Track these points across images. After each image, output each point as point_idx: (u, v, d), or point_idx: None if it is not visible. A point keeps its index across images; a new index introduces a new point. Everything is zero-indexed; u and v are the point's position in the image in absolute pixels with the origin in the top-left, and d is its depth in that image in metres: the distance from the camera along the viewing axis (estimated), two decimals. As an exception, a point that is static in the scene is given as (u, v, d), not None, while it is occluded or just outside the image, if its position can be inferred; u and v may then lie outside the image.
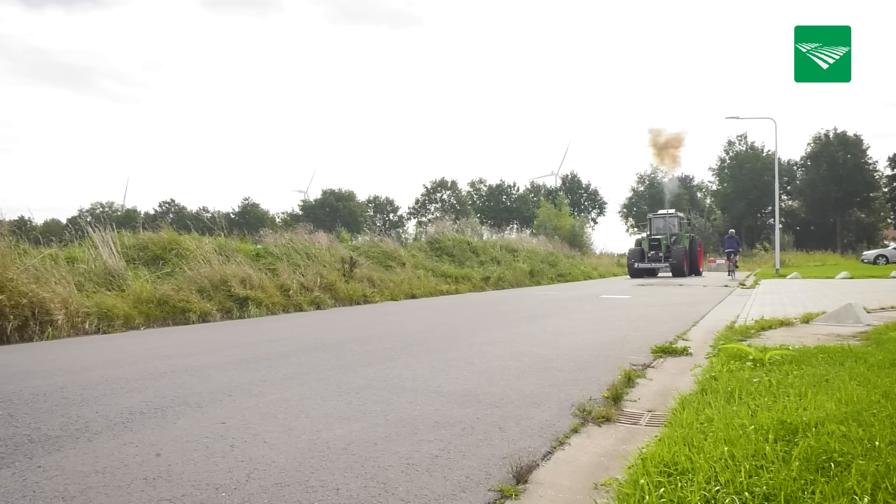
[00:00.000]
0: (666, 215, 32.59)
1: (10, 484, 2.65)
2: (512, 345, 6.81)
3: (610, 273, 34.77)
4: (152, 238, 13.16)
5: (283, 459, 2.93)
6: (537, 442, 3.21)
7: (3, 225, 9.85)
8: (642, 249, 30.20)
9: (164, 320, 10.00)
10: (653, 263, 29.11)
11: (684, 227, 32.54)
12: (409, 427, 3.47)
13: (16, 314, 7.98)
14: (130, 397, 4.28)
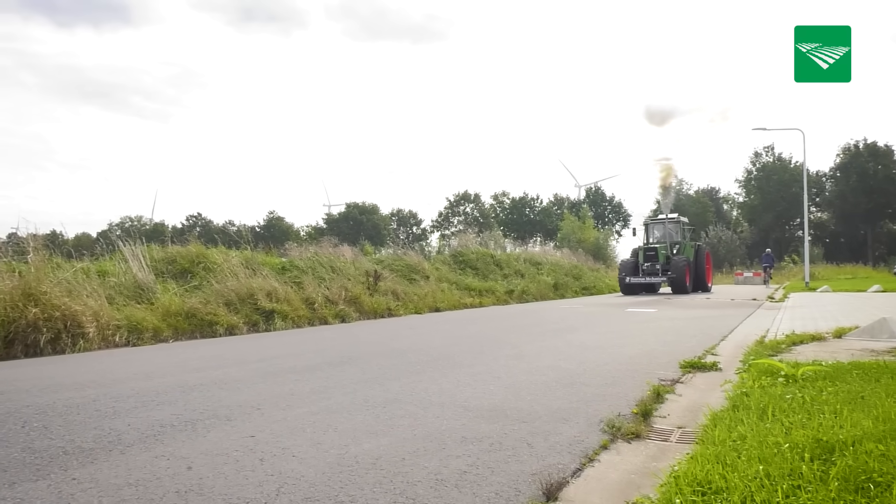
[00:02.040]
0: (666, 221, 27.53)
1: (46, 496, 2.70)
2: (538, 359, 6.77)
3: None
4: (180, 252, 13.34)
5: (312, 474, 2.94)
6: (566, 458, 3.18)
7: (37, 239, 10.06)
8: (636, 261, 25.43)
9: (192, 333, 10.12)
10: (648, 277, 24.65)
11: (688, 234, 28.04)
12: (437, 442, 3.46)
13: (49, 327, 8.13)
14: (161, 410, 4.33)
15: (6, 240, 11.93)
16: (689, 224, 28.56)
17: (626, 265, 25.53)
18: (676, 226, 27.40)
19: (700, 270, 26.20)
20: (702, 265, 26.63)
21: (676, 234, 27.24)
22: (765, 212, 71.38)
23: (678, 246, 26.49)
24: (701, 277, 26.20)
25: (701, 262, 26.59)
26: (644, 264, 25.15)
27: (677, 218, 27.84)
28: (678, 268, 24.17)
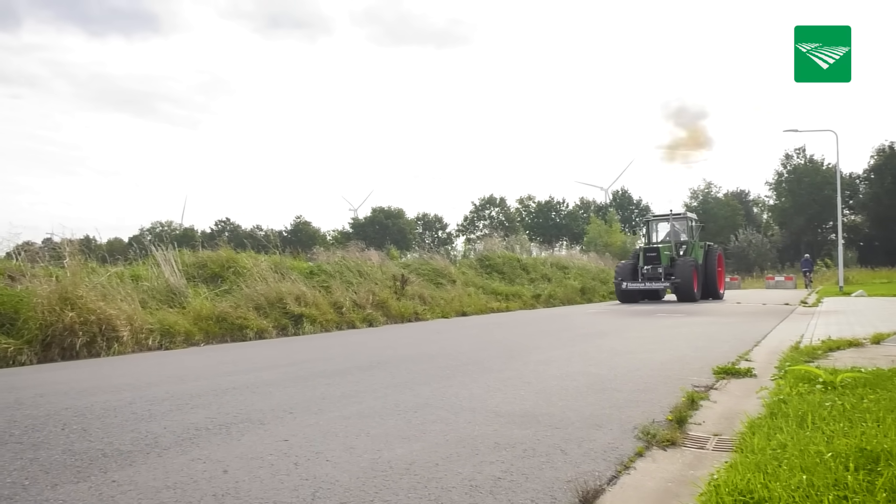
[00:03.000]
0: (672, 217, 24.09)
1: (87, 497, 2.74)
2: (568, 364, 6.72)
3: (663, 290, 34.05)
4: (211, 256, 13.52)
5: (346, 479, 2.95)
6: (601, 465, 3.15)
7: (73, 244, 10.28)
8: (635, 264, 22.24)
9: (223, 337, 10.25)
10: (649, 283, 21.23)
11: (698, 233, 24.36)
12: (470, 448, 3.45)
13: (85, 330, 8.30)
14: (195, 413, 4.39)
15: (42, 245, 12.23)
16: (698, 221, 25.02)
17: (623, 268, 22.35)
18: (683, 223, 24.06)
19: (710, 274, 22.90)
20: (712, 268, 23.11)
21: (683, 232, 23.93)
22: (796, 215, 70.04)
23: (685, 246, 23.30)
24: (711, 282, 22.82)
25: (711, 264, 23.09)
26: (644, 267, 21.78)
27: (684, 214, 24.52)
28: (684, 271, 20.80)
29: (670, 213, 24.46)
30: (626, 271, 22.00)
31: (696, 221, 24.65)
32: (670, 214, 24.33)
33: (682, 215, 24.33)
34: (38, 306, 8.11)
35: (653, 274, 21.52)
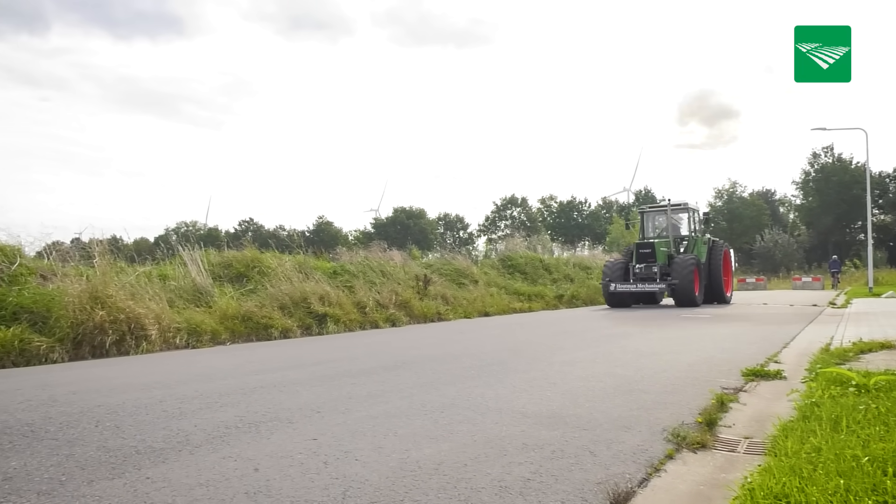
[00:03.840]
0: (669, 208, 20.91)
1: (122, 494, 2.79)
2: (593, 365, 6.68)
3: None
4: (236, 256, 13.68)
5: (376, 478, 2.96)
6: (631, 468, 3.12)
7: (102, 244, 10.45)
8: (626, 263, 19.55)
9: (248, 336, 10.35)
10: (642, 284, 18.48)
11: (701, 226, 21.31)
12: (498, 448, 3.44)
13: (114, 329, 8.44)
14: (224, 412, 4.44)
15: (71, 245, 12.45)
16: (702, 213, 21.80)
17: (612, 267, 19.44)
18: (683, 215, 21.13)
19: (715, 275, 19.99)
20: (717, 268, 20.07)
21: (683, 225, 21.08)
22: (823, 214, 68.85)
23: (686, 242, 20.69)
24: (716, 284, 19.94)
25: (716, 263, 20.11)
26: (637, 266, 19.04)
27: (685, 204, 20.91)
28: (683, 271, 18.03)
29: (667, 203, 21.08)
30: (616, 271, 19.23)
31: (699, 213, 21.51)
32: (667, 204, 21.06)
33: (683, 206, 20.95)
34: (69, 305, 8.26)
35: (646, 274, 18.82)
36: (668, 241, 20.30)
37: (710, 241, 20.92)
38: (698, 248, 20.18)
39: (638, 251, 19.37)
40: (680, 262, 18.51)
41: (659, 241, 19.78)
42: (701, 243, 20.39)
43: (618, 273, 19.15)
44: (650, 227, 21.62)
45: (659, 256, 19.09)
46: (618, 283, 18.75)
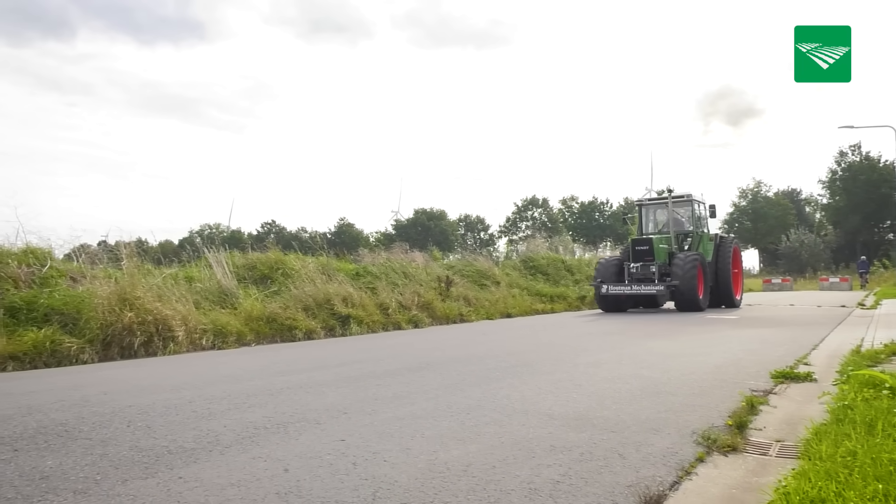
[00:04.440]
0: (670, 200, 18.55)
1: (156, 493, 2.83)
2: (618, 367, 6.63)
3: (711, 292, 33.34)
4: (260, 258, 13.80)
5: (405, 479, 2.97)
6: (662, 471, 3.09)
7: (130, 247, 10.61)
8: (621, 262, 17.70)
9: (273, 337, 10.44)
10: (638, 286, 16.62)
11: (706, 221, 19.23)
12: (526, 450, 3.43)
13: (142, 330, 8.57)
14: (253, 412, 4.48)
15: (98, 247, 12.67)
16: (708, 205, 19.31)
17: (605, 267, 17.70)
18: (686, 207, 18.96)
19: (723, 275, 18.15)
20: (725, 267, 18.24)
21: (687, 220, 18.94)
22: (851, 213, 67.61)
23: (690, 238, 18.66)
24: (724, 285, 18.06)
25: (724, 262, 18.29)
26: (633, 265, 17.13)
27: (689, 196, 18.69)
28: (684, 271, 16.17)
29: (668, 195, 18.70)
30: (609, 271, 17.43)
31: (704, 205, 19.28)
32: (668, 196, 18.70)
33: (686, 197, 18.75)
34: (98, 307, 8.40)
35: (644, 274, 16.91)
36: (669, 237, 18.25)
37: (718, 237, 19.29)
38: (704, 245, 18.50)
39: (634, 249, 17.34)
40: (681, 261, 16.51)
41: (658, 238, 17.77)
42: (707, 239, 18.73)
43: (611, 273, 17.33)
44: (650, 222, 19.48)
45: (658, 254, 17.10)
46: (610, 284, 16.96)
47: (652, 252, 16.99)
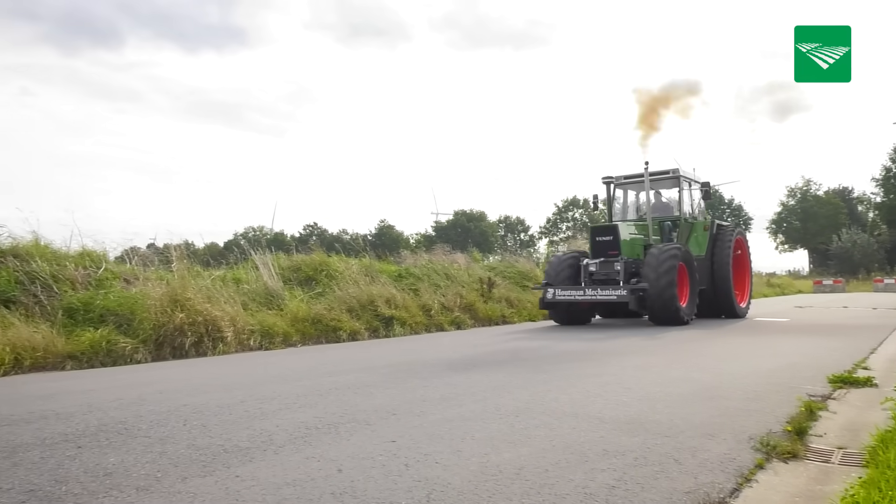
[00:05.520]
0: (648, 176, 14.20)
1: (214, 491, 2.88)
2: (668, 370, 6.52)
3: (759, 294, 32.46)
4: (304, 260, 13.99)
5: (458, 481, 2.96)
6: (720, 477, 3.02)
7: (181, 249, 10.88)
8: (577, 258, 13.63)
9: (318, 338, 10.57)
10: (593, 290, 12.43)
11: (701, 206, 15.32)
12: (578, 454, 3.40)
13: (193, 331, 8.76)
14: (303, 413, 4.53)
15: (147, 249, 13.03)
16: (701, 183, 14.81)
17: (556, 266, 13.66)
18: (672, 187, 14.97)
19: (721, 275, 14.26)
20: (724, 264, 14.33)
21: (672, 204, 15.01)
22: (907, 212, 65.20)
23: (677, 230, 14.32)
24: (723, 288, 14.20)
25: (722, 257, 14.39)
26: (592, 263, 13.00)
27: (675, 171, 14.47)
28: (657, 270, 11.97)
29: (645, 170, 14.03)
30: (562, 270, 13.33)
31: (698, 185, 15.00)
32: (645, 172, 14.04)
33: (670, 174, 14.51)
34: (151, 308, 8.63)
35: (606, 274, 12.77)
36: (646, 224, 14.05)
37: (715, 225, 15.05)
38: (696, 237, 14.55)
39: (594, 240, 13.19)
40: (654, 257, 12.27)
41: (628, 225, 13.89)
42: (700, 229, 14.65)
43: (564, 273, 13.26)
44: (628, 208, 15.70)
45: (626, 248, 12.97)
46: (560, 287, 12.82)
47: (617, 244, 12.77)
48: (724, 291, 14.32)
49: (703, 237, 14.70)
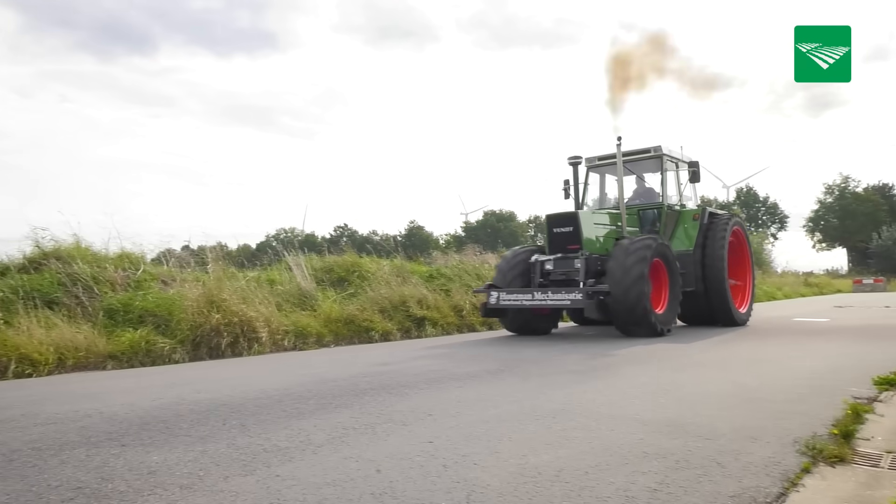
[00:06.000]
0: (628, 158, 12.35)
1: (256, 490, 2.91)
2: (705, 371, 6.42)
3: (796, 293, 31.86)
4: (337, 261, 14.10)
5: (497, 483, 2.95)
6: (765, 481, 2.96)
7: (216, 251, 11.05)
8: (533, 252, 11.39)
9: (351, 338, 10.64)
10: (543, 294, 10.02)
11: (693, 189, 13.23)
12: (618, 456, 3.36)
13: (229, 331, 8.89)
14: (339, 413, 4.56)
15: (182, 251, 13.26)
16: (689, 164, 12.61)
17: (506, 265, 11.39)
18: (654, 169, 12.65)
19: (713, 274, 11.71)
20: (717, 261, 11.76)
21: (656, 187, 12.61)
22: (951, 209, 63.29)
23: (659, 221, 12.15)
24: (716, 289, 11.71)
25: (714, 252, 11.82)
26: (548, 260, 10.84)
27: (656, 149, 12.31)
28: (624, 268, 9.72)
29: (618, 146, 11.56)
30: (513, 268, 11.13)
31: (682, 164, 12.79)
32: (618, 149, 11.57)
33: (651, 151, 12.32)
34: (188, 309, 8.78)
35: (565, 273, 10.51)
36: (618, 213, 11.69)
37: (707, 213, 12.44)
38: (684, 228, 12.31)
39: (551, 231, 10.85)
40: (622, 249, 10.04)
41: (591, 214, 11.48)
42: (689, 218, 12.31)
43: (516, 272, 11.02)
44: (605, 195, 13.43)
45: (590, 241, 10.61)
46: (504, 291, 10.49)
47: (578, 236, 10.45)
48: (718, 294, 11.77)
49: (692, 228, 12.26)
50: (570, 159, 12.17)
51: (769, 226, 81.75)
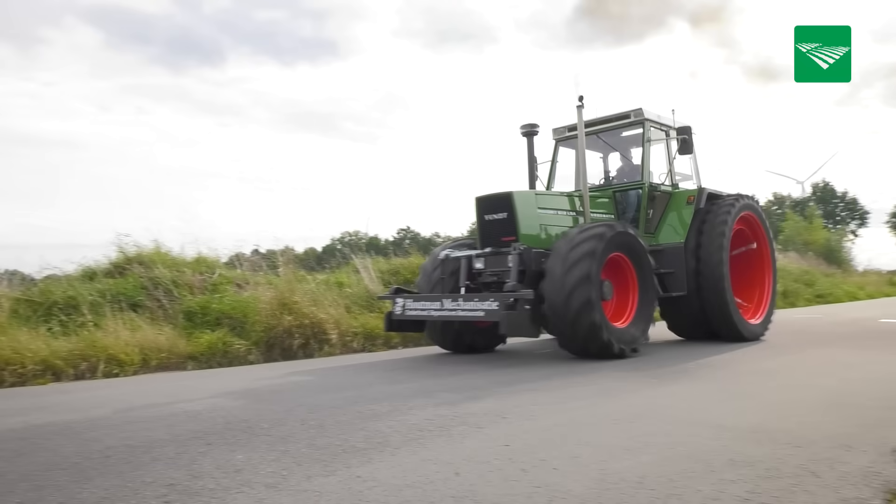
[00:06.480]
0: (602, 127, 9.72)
1: (338, 490, 2.96)
2: (787, 375, 6.16)
3: (880, 293, 30.17)
4: (402, 263, 14.19)
5: (578, 489, 2.90)
6: (865, 492, 2.81)
7: (287, 254, 11.34)
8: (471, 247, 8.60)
9: (417, 341, 10.69)
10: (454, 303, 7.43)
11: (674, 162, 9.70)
12: (703, 463, 3.25)
13: (300, 333, 9.10)
14: (414, 414, 4.59)
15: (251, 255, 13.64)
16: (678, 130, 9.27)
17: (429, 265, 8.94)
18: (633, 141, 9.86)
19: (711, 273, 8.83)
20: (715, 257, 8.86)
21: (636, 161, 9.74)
22: None
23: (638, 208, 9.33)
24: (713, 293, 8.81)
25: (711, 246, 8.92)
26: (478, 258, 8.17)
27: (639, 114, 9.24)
28: (564, 263, 7.07)
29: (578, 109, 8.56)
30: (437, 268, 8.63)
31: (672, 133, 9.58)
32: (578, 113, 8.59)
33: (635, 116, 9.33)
34: (262, 311, 9.03)
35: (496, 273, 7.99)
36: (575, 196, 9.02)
37: (706, 194, 9.49)
38: (676, 214, 9.49)
39: (481, 219, 8.31)
40: (565, 240, 7.47)
41: (550, 196, 9.07)
42: (682, 202, 9.54)
43: (445, 272, 8.52)
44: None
45: (527, 234, 7.96)
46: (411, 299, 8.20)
47: (513, 223, 7.96)
48: (713, 296, 8.89)
49: (686, 214, 9.35)
50: (523, 128, 9.78)
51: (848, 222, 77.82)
